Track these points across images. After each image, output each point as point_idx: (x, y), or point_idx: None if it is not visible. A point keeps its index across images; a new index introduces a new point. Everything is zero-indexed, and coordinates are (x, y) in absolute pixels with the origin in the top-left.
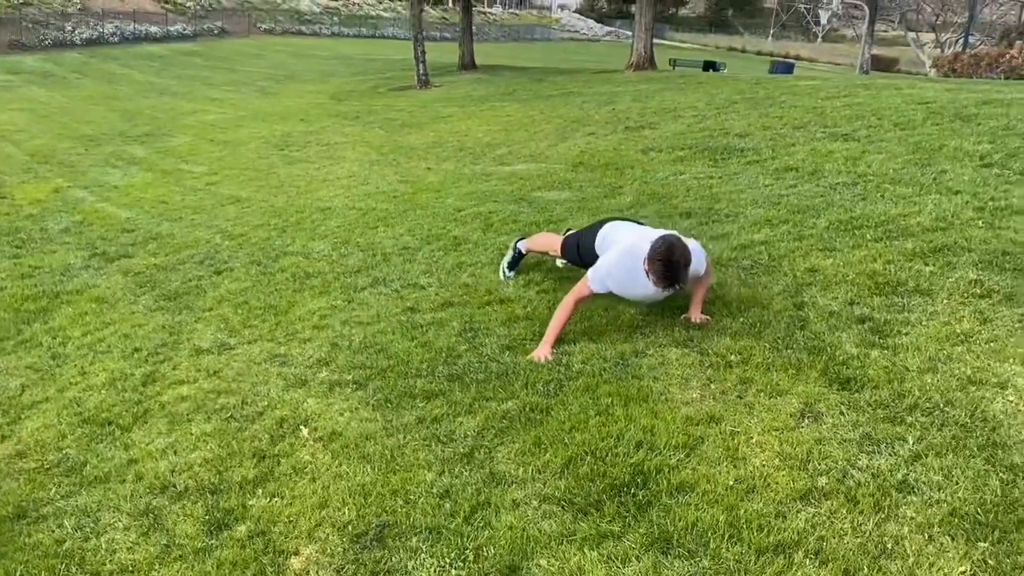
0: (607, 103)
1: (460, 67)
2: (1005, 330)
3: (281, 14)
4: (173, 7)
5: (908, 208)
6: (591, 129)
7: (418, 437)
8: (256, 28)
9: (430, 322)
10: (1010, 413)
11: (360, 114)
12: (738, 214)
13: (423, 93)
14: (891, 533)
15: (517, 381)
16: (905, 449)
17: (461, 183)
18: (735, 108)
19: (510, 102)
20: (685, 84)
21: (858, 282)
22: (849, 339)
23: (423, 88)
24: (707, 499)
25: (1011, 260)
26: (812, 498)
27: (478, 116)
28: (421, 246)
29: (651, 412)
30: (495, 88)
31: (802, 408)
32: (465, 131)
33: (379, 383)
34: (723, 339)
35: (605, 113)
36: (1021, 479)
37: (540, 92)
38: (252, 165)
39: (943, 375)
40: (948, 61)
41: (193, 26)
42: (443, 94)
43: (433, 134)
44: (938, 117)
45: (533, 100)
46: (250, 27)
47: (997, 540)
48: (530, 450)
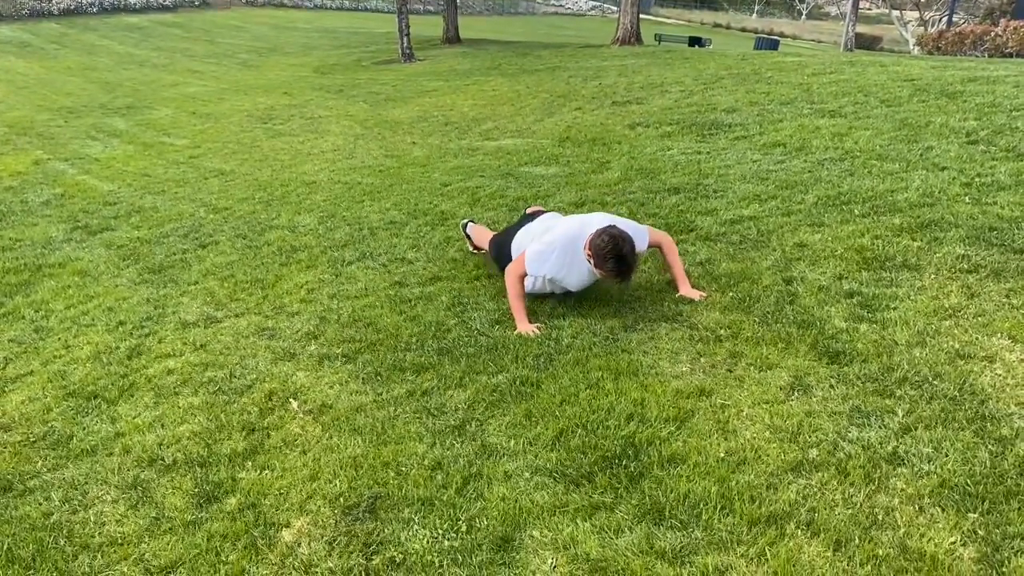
0: (593, 78)
1: (444, 40)
2: (992, 304)
3: None
4: None
5: (895, 184)
6: (577, 104)
7: (409, 410)
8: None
9: (419, 296)
10: (998, 386)
11: (344, 87)
12: (726, 189)
13: (407, 67)
14: (882, 504)
15: (507, 355)
16: (895, 422)
17: (447, 158)
18: (722, 84)
19: (495, 76)
20: (671, 59)
21: (846, 257)
22: (838, 313)
23: (407, 62)
24: (698, 471)
25: (998, 235)
26: (803, 470)
27: (463, 90)
28: (408, 220)
29: (641, 386)
30: (480, 62)
31: (792, 381)
32: (450, 105)
33: (369, 356)
34: (712, 313)
35: (591, 88)
36: (1009, 451)
37: (526, 66)
38: (235, 138)
39: (932, 349)
40: (933, 39)
41: None
42: (428, 68)
43: (418, 108)
44: (924, 94)
45: (519, 74)
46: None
47: (986, 511)
48: (521, 423)
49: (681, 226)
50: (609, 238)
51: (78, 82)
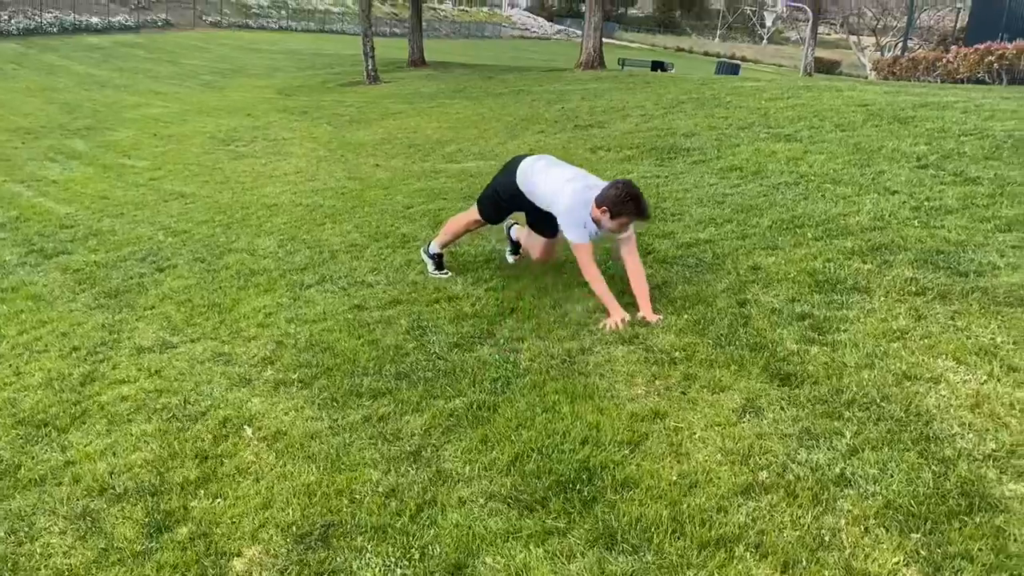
0: (557, 101)
1: (410, 63)
2: (938, 327)
3: (227, 7)
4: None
5: (848, 207)
6: (541, 127)
7: (364, 436)
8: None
9: (377, 320)
10: (943, 407)
11: (308, 109)
12: (683, 213)
13: (372, 89)
14: (829, 526)
15: (465, 379)
16: (843, 443)
17: (410, 180)
18: (682, 108)
19: (460, 99)
20: (634, 84)
21: (799, 280)
22: (790, 336)
23: (372, 84)
24: (651, 494)
25: (944, 259)
26: (753, 492)
27: (428, 113)
28: (369, 243)
29: (597, 409)
30: (445, 85)
31: (744, 404)
32: (415, 128)
33: (325, 382)
34: (668, 336)
35: (555, 111)
36: (952, 471)
37: (490, 89)
38: (197, 160)
39: (880, 371)
40: (888, 64)
41: (135, 17)
42: (392, 90)
43: (382, 130)
44: (877, 119)
45: (483, 97)
46: (195, 20)
47: (929, 531)
48: (477, 448)
49: (639, 249)
50: (623, 185)
51: (37, 103)
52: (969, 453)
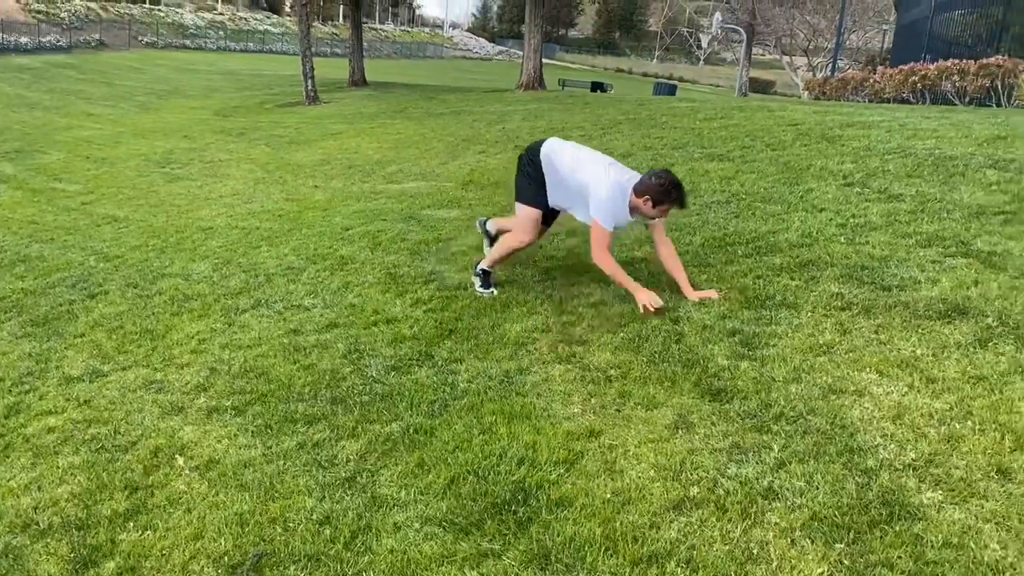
0: (498, 122)
1: (350, 83)
2: (863, 340)
3: (163, 27)
4: (45, 17)
5: (777, 225)
6: (482, 147)
7: (299, 463)
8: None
9: (314, 344)
10: (866, 419)
11: (246, 130)
12: (620, 232)
13: (312, 109)
14: (757, 539)
15: (402, 403)
16: (771, 457)
17: (349, 201)
18: (619, 128)
19: (401, 119)
20: (573, 104)
21: (730, 296)
22: (721, 351)
23: (312, 104)
24: (585, 513)
25: (869, 274)
26: (684, 508)
27: (368, 133)
28: (306, 266)
29: (534, 429)
30: (386, 105)
31: (676, 419)
32: (355, 148)
33: (259, 408)
34: (604, 354)
35: (496, 132)
36: (874, 482)
37: (431, 110)
38: (131, 183)
39: (806, 384)
40: (819, 84)
41: (68, 37)
42: (333, 111)
43: (321, 151)
44: (806, 138)
45: (424, 118)
46: (130, 40)
47: (852, 540)
48: (413, 472)
49: (577, 268)
50: (664, 174)
51: None
52: (890, 463)
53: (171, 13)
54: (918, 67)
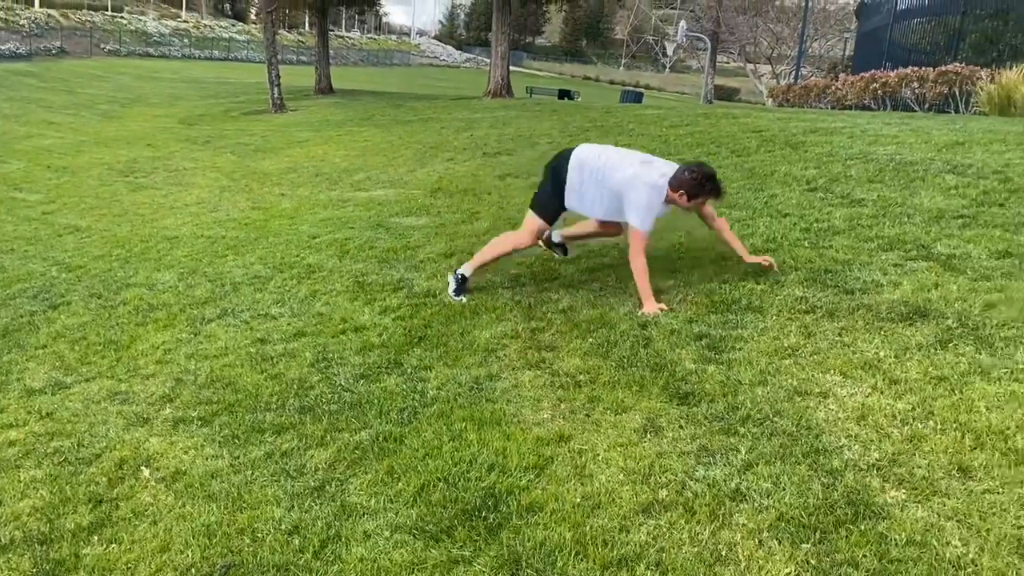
0: (465, 129)
1: (317, 91)
2: (827, 343)
3: (126, 35)
4: (4, 24)
5: (742, 230)
6: (450, 155)
7: (267, 473)
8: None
9: (281, 353)
10: (831, 420)
11: (211, 139)
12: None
13: (278, 117)
14: (725, 540)
15: (371, 411)
16: (738, 459)
17: (316, 209)
18: (587, 135)
19: (368, 127)
20: (541, 111)
21: (697, 301)
22: (688, 356)
23: (278, 112)
24: (555, 518)
25: (832, 277)
26: (653, 511)
27: (335, 141)
28: (273, 275)
29: (504, 435)
30: (353, 112)
31: (645, 423)
32: (321, 156)
33: (226, 418)
34: (573, 360)
35: (464, 139)
36: (839, 482)
37: (399, 117)
38: (94, 193)
39: (772, 387)
40: (783, 91)
41: (28, 45)
42: (299, 118)
43: (288, 159)
44: (770, 144)
45: (392, 125)
46: (92, 48)
47: (818, 540)
48: (383, 480)
49: (546, 274)
50: (697, 167)
51: None
52: (855, 463)
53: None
54: (879, 74)
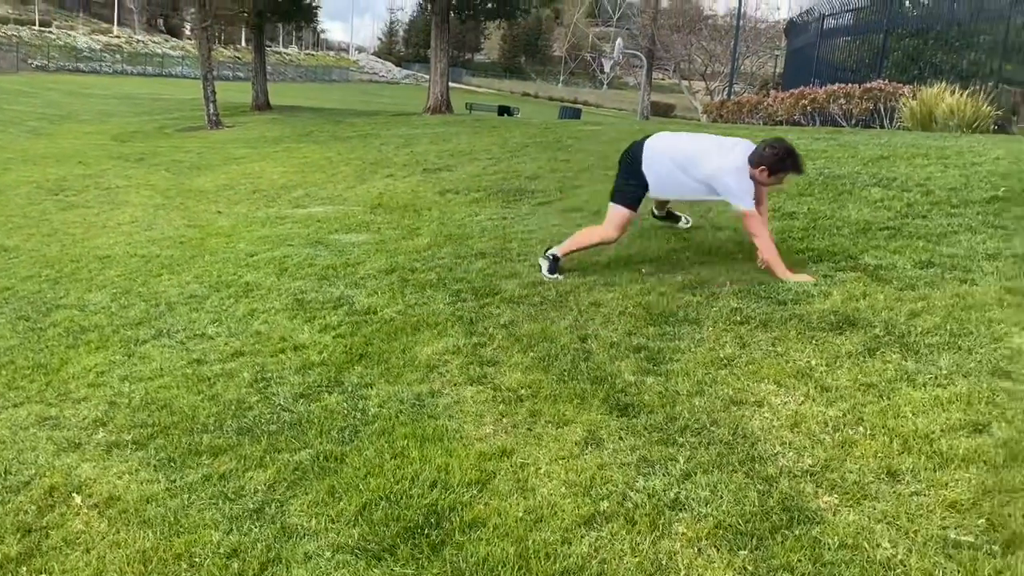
0: (406, 145)
1: (254, 107)
2: (761, 353)
3: (55, 50)
4: None
5: (679, 243)
6: (390, 171)
7: (204, 496)
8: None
9: (218, 374)
10: (766, 428)
11: (145, 156)
12: (529, 253)
13: (214, 134)
14: (665, 549)
15: (311, 430)
16: (677, 469)
17: (254, 227)
18: (527, 151)
19: (307, 143)
20: (481, 127)
21: (635, 313)
22: (628, 368)
23: (214, 129)
24: (498, 533)
25: (765, 289)
26: (595, 523)
27: (273, 157)
28: (210, 294)
29: (446, 451)
30: (291, 129)
31: (586, 436)
32: (259, 173)
33: (162, 441)
34: (515, 374)
35: (403, 155)
36: (775, 489)
37: (338, 133)
38: (21, 212)
39: (709, 397)
40: (716, 107)
41: None
42: (236, 135)
43: (225, 176)
44: None
45: (331, 141)
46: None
47: (755, 547)
48: (324, 500)
49: (487, 290)
50: (775, 144)
51: None
52: (789, 470)
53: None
54: (808, 91)
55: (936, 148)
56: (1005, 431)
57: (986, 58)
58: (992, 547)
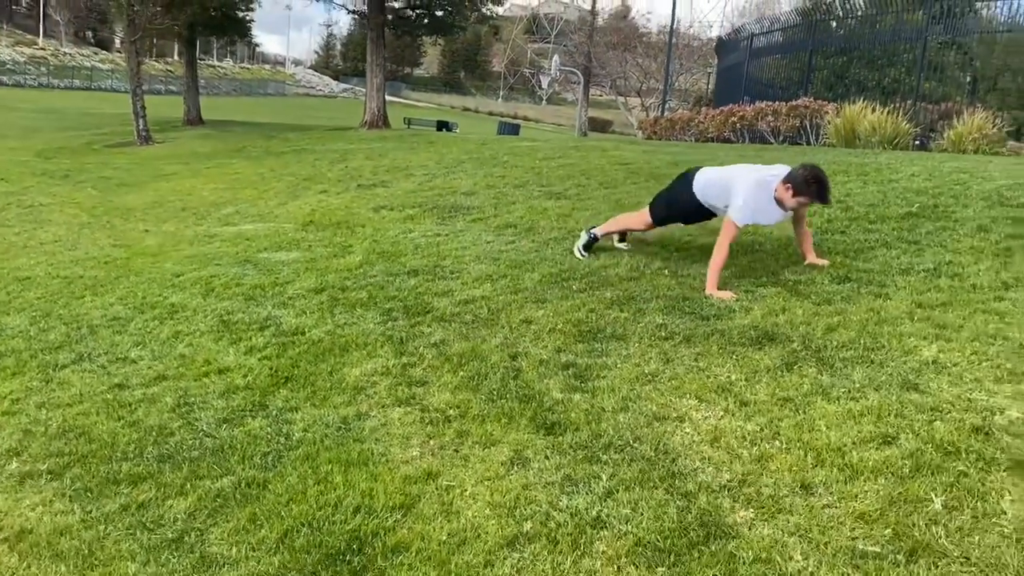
0: (340, 161)
1: (186, 122)
2: (684, 368)
3: None
4: None
5: (608, 260)
6: (324, 186)
7: (121, 526)
8: None
9: (140, 399)
10: (687, 444)
11: (71, 172)
12: (462, 270)
13: (144, 150)
14: (586, 568)
15: (233, 456)
16: (600, 486)
17: (182, 246)
18: (463, 167)
19: (239, 159)
20: (417, 143)
21: (565, 330)
22: (556, 385)
23: (144, 144)
24: (420, 557)
25: (690, 305)
26: (518, 544)
27: (204, 174)
28: (134, 316)
29: (371, 475)
30: (223, 144)
31: (512, 456)
32: (189, 190)
33: (78, 471)
34: (443, 394)
35: (338, 171)
36: (694, 505)
37: (271, 149)
38: None
39: (633, 413)
40: (651, 124)
41: None
42: (166, 151)
43: (154, 193)
44: (636, 177)
45: (263, 157)
46: None
47: (673, 563)
48: (245, 528)
49: (419, 308)
50: (810, 169)
51: None
52: (708, 485)
53: None
54: (737, 108)
55: (857, 164)
56: (912, 442)
57: (905, 76)
58: (897, 556)
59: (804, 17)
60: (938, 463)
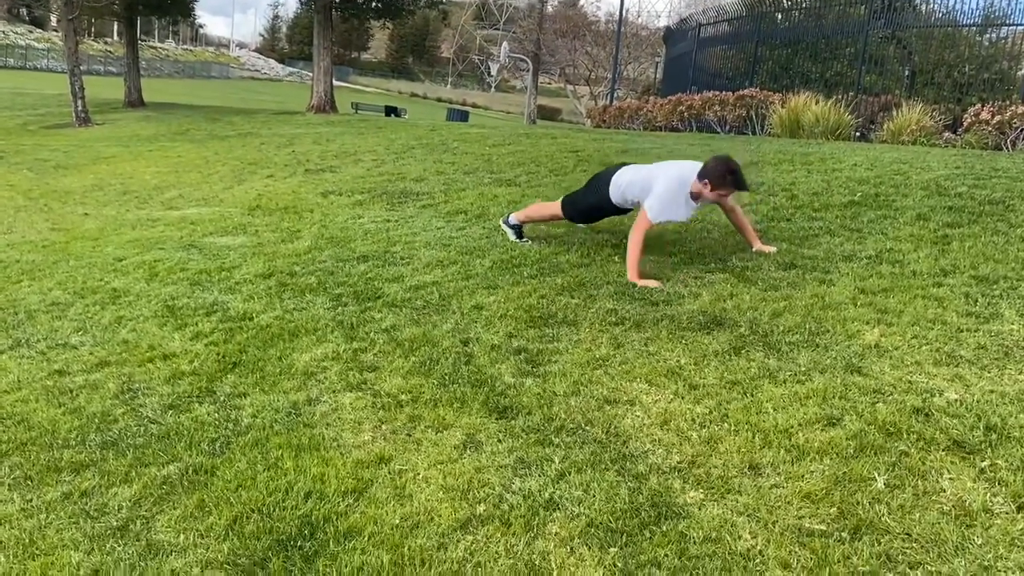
0: (287, 145)
1: (126, 104)
2: (634, 352)
3: None
4: None
5: (559, 247)
6: (270, 171)
7: (64, 515)
8: None
9: (82, 385)
10: (637, 427)
11: (5, 154)
12: (412, 256)
13: (82, 131)
14: (539, 550)
15: (180, 443)
16: (552, 469)
17: (124, 230)
18: (412, 153)
19: (182, 142)
20: (366, 128)
21: (516, 316)
22: (508, 370)
23: (82, 126)
24: (373, 541)
25: (639, 291)
26: (471, 526)
27: (145, 157)
28: (74, 301)
29: (322, 460)
30: (165, 127)
31: (465, 439)
32: (130, 173)
33: (18, 459)
34: (395, 379)
35: (285, 155)
36: (644, 486)
37: (215, 132)
38: None
39: (585, 397)
40: (599, 112)
41: None
42: (106, 133)
43: (93, 176)
44: (586, 164)
45: (208, 140)
46: None
47: (625, 543)
48: (192, 514)
49: (369, 293)
50: (718, 159)
51: None
52: (659, 467)
53: None
54: (685, 97)
55: (801, 154)
56: (855, 424)
57: (848, 69)
58: (842, 533)
59: (750, 9)
60: (881, 444)
